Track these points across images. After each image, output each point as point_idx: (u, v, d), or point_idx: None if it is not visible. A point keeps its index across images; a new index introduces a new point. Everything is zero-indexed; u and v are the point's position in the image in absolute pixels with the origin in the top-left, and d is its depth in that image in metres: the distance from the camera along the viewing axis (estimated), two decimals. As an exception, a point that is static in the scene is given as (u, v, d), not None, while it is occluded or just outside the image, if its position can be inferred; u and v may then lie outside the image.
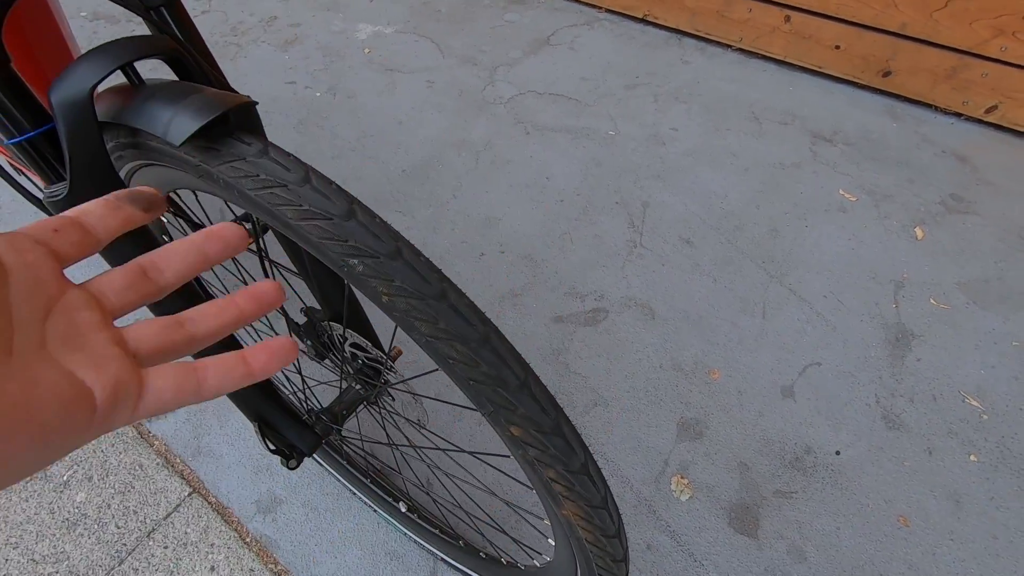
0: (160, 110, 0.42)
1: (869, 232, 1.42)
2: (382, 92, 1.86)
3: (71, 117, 0.42)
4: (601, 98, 1.80)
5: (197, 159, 0.42)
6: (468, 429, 1.09)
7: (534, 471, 0.43)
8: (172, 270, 0.26)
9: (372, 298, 0.40)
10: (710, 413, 1.14)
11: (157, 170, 0.52)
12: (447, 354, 0.39)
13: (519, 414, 0.40)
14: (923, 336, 1.23)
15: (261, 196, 0.40)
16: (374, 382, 0.72)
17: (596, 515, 0.45)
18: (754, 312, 1.28)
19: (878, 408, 1.13)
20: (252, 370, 0.25)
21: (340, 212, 0.39)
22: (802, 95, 1.78)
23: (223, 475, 1.09)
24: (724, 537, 0.99)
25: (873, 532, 0.99)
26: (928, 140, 1.62)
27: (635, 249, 1.41)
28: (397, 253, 0.39)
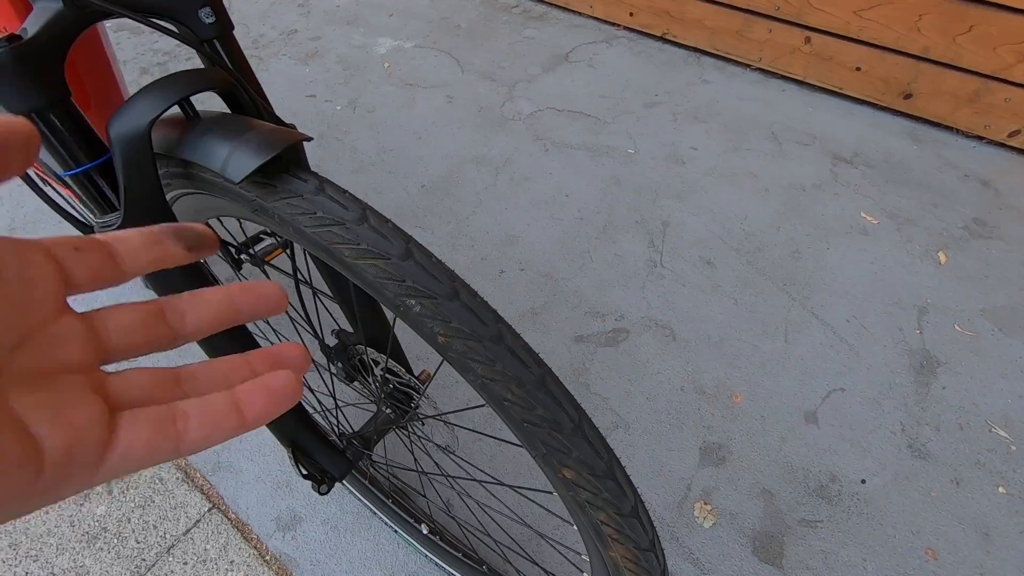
0: (217, 146, 0.42)
1: (892, 256, 1.41)
2: (401, 107, 1.87)
3: (129, 150, 0.42)
4: (620, 116, 1.81)
5: (253, 194, 0.42)
6: (489, 451, 1.09)
7: (584, 513, 0.43)
8: (196, 319, 0.22)
9: (428, 338, 0.40)
10: (733, 438, 1.12)
11: (202, 198, 0.53)
12: (503, 396, 0.39)
13: (573, 457, 0.40)
14: (948, 363, 1.21)
15: (318, 233, 0.40)
16: (405, 407, 0.72)
17: (644, 557, 0.45)
18: (776, 335, 1.27)
19: (904, 436, 1.12)
20: (245, 420, 0.21)
21: (398, 252, 0.39)
22: (822, 116, 1.77)
23: (243, 491, 1.08)
24: (749, 566, 0.98)
25: (900, 564, 0.97)
26: (950, 163, 1.61)
27: (655, 269, 1.40)
28: (455, 294, 0.39)
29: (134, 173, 0.43)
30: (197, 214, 0.58)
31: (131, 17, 0.43)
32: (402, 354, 0.73)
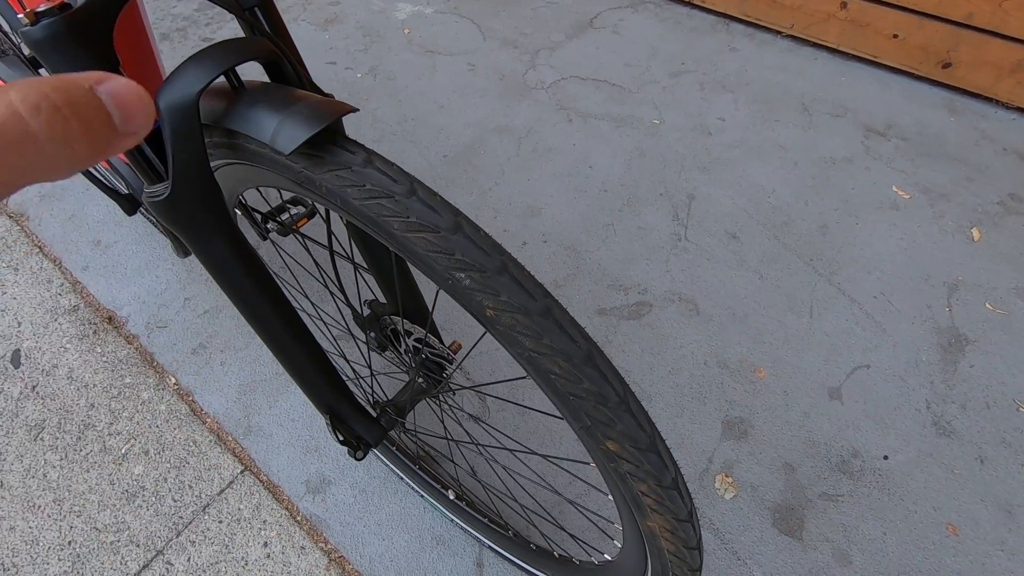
0: (266, 117, 0.42)
1: (923, 232, 1.38)
2: (422, 75, 1.85)
3: (177, 120, 0.43)
4: (645, 85, 1.76)
5: (300, 166, 0.43)
6: (513, 420, 1.11)
7: (624, 484, 0.44)
8: None
9: (475, 312, 0.40)
10: (755, 412, 1.13)
11: (244, 168, 0.53)
12: (549, 369, 0.40)
13: (617, 430, 0.41)
14: (977, 341, 1.20)
15: (367, 206, 0.40)
16: (437, 377, 0.73)
17: (681, 528, 0.46)
18: (801, 311, 1.26)
19: (928, 414, 1.11)
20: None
21: (447, 226, 0.39)
22: (855, 86, 1.72)
23: (274, 454, 1.12)
24: (768, 537, 0.99)
25: (921, 539, 0.98)
26: (988, 137, 1.56)
27: (679, 243, 1.39)
28: (503, 268, 0.39)
29: (182, 143, 0.43)
30: (237, 183, 0.58)
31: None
32: (434, 325, 0.74)
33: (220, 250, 0.52)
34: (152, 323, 1.30)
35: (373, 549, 1.01)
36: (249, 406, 1.18)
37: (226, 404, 1.18)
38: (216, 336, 1.28)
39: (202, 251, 0.52)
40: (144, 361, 1.25)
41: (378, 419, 0.70)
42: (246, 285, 0.53)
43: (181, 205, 0.46)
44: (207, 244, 0.51)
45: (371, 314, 0.75)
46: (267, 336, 0.58)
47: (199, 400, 1.19)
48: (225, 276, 0.53)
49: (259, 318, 0.56)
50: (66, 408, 1.18)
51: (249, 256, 0.53)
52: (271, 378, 1.21)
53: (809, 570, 0.96)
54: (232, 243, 0.52)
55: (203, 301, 1.33)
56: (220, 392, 1.20)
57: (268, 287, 0.55)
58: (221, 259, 0.52)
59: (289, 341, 0.58)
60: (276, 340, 0.58)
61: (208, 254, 0.52)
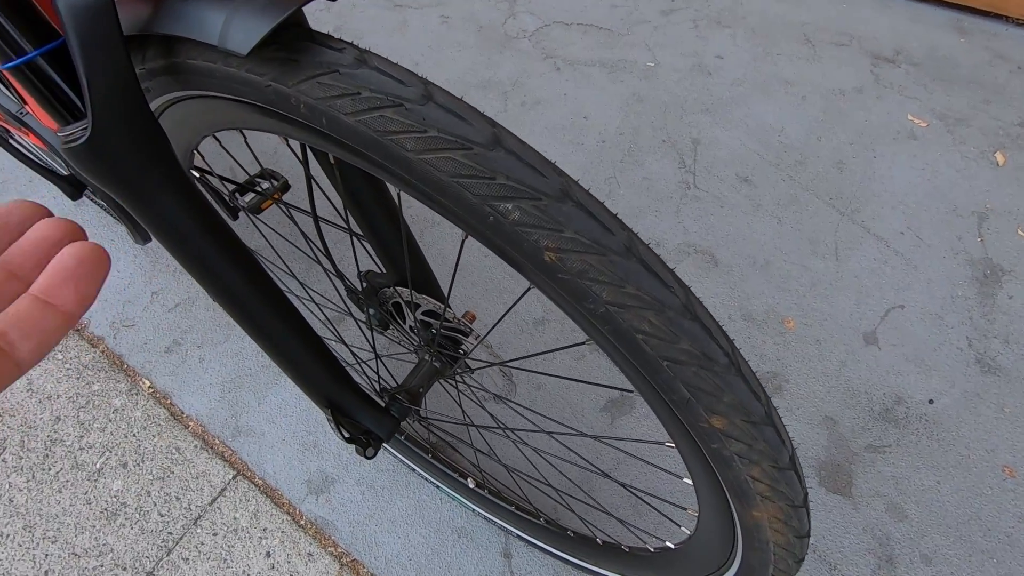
0: (209, 11, 0.30)
1: (945, 160, 1.29)
2: (393, 31, 1.69)
3: (87, 27, 0.30)
4: (635, 25, 1.63)
5: (267, 76, 0.31)
6: (529, 395, 1.01)
7: (728, 468, 0.34)
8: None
9: (528, 256, 0.29)
10: (788, 365, 1.05)
11: (194, 105, 0.41)
12: (635, 328, 0.29)
13: (725, 401, 0.31)
14: (1013, 271, 1.13)
15: (365, 121, 0.29)
16: (453, 354, 0.63)
17: (795, 515, 0.36)
18: (826, 254, 1.18)
19: (971, 351, 1.04)
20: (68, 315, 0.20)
21: (483, 139, 0.28)
22: (858, 12, 1.61)
23: (267, 455, 1.01)
24: (817, 497, 0.92)
25: (977, 485, 0.92)
26: (1001, 56, 1.47)
27: (689, 191, 1.29)
28: (565, 194, 0.28)
29: (99, 60, 0.31)
30: (188, 132, 0.46)
31: None
32: (442, 293, 0.63)
33: (171, 210, 0.39)
34: (117, 322, 1.17)
35: (388, 549, 0.91)
36: (236, 404, 1.06)
37: (209, 404, 1.06)
38: (191, 331, 1.15)
39: (147, 214, 0.40)
40: (112, 365, 1.12)
41: (388, 409, 0.60)
42: (212, 256, 0.41)
43: (108, 149, 0.34)
44: (152, 203, 0.38)
45: (369, 287, 0.63)
46: (246, 321, 0.46)
47: (178, 402, 1.07)
48: (183, 246, 0.41)
49: (234, 299, 0.44)
50: (28, 424, 1.05)
51: (212, 219, 0.41)
52: (258, 371, 1.09)
53: (863, 528, 0.89)
54: (186, 200, 0.40)
55: (173, 294, 1.20)
56: (201, 392, 1.08)
57: (241, 259, 0.43)
58: (173, 222, 0.40)
59: (274, 326, 0.47)
60: (258, 325, 0.47)
61: (155, 217, 0.40)
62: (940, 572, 0.85)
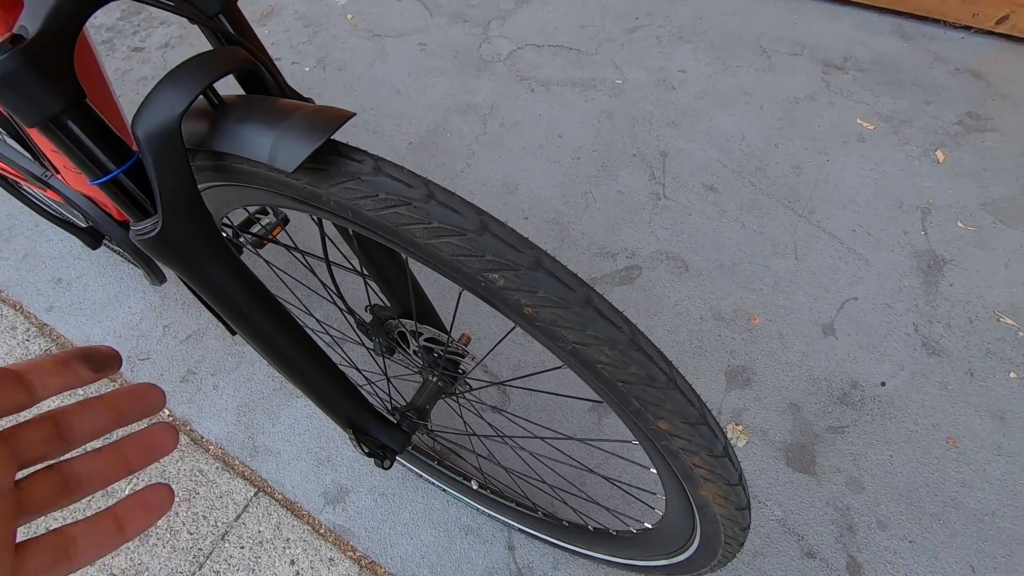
0: (258, 135, 0.39)
1: (891, 160, 1.41)
2: (373, 61, 1.78)
3: (160, 150, 0.39)
4: (603, 45, 1.74)
5: (303, 182, 0.40)
6: (523, 404, 1.10)
7: (676, 459, 0.44)
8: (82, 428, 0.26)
9: (512, 310, 0.39)
10: (756, 359, 1.15)
11: (233, 188, 0.50)
12: (595, 359, 0.39)
13: (667, 409, 0.40)
14: (954, 260, 1.24)
15: (384, 216, 0.38)
16: (453, 373, 0.72)
17: (733, 492, 0.46)
18: (786, 254, 1.29)
19: (917, 336, 1.15)
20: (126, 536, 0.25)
21: (473, 227, 0.37)
22: (808, 23, 1.72)
23: (285, 471, 1.10)
24: (784, 476, 1.03)
25: (925, 456, 1.03)
26: (940, 58, 1.59)
27: (659, 201, 1.39)
28: (538, 263, 0.38)
29: (168, 173, 0.40)
30: (222, 205, 0.55)
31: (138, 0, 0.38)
32: (440, 321, 0.72)
33: (220, 277, 0.48)
34: (133, 356, 1.25)
35: (403, 549, 1.01)
36: (251, 426, 1.15)
37: (227, 428, 1.15)
38: (204, 360, 1.23)
39: (201, 282, 0.49)
40: (132, 396, 1.20)
41: (399, 425, 0.69)
42: (252, 309, 0.50)
43: (174, 239, 0.43)
44: (206, 274, 0.47)
45: (376, 319, 0.73)
46: (279, 359, 0.55)
47: (197, 428, 1.15)
48: (229, 303, 0.50)
49: (269, 342, 0.54)
50: (58, 457, 1.12)
51: (249, 278, 0.51)
52: (269, 394, 1.18)
53: (826, 502, 1.00)
54: (230, 267, 0.49)
55: (183, 326, 1.28)
56: (218, 417, 1.16)
57: (273, 307, 0.52)
58: (222, 286, 0.49)
59: (303, 361, 0.56)
60: (290, 362, 0.56)
61: (208, 284, 0.49)
62: (894, 535, 0.96)
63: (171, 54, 1.84)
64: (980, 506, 0.98)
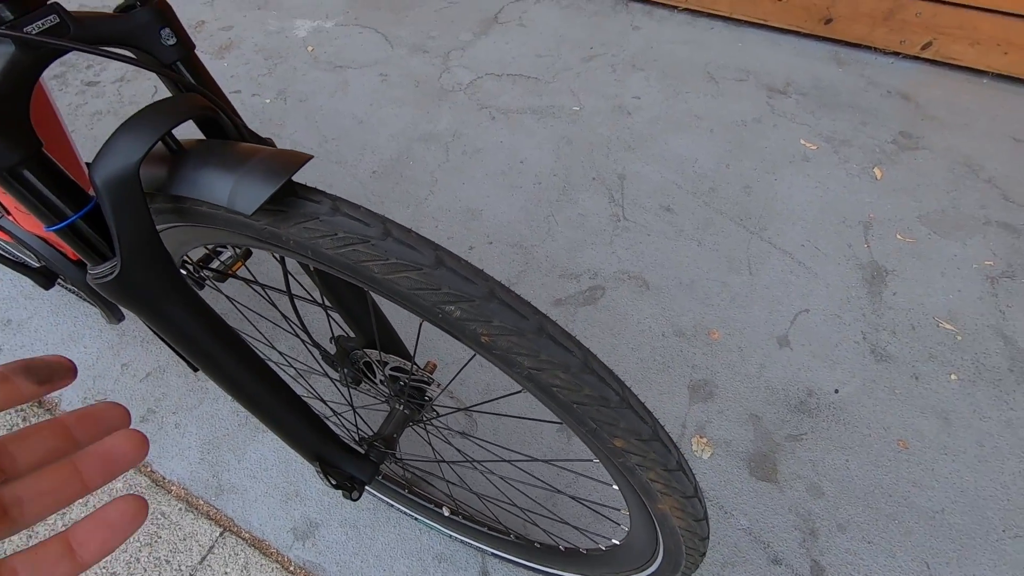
0: (218, 179, 0.40)
1: (833, 178, 1.49)
2: (335, 92, 1.79)
3: (119, 194, 0.40)
4: (560, 73, 1.80)
5: (263, 223, 0.41)
6: (492, 426, 1.11)
7: (632, 475, 0.46)
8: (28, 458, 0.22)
9: (470, 340, 0.41)
10: (716, 372, 1.19)
11: (191, 229, 0.51)
12: (550, 383, 0.41)
13: (621, 427, 0.42)
14: (895, 271, 1.32)
15: (343, 254, 0.40)
16: (419, 401, 0.73)
17: (690, 504, 0.48)
18: (741, 269, 1.34)
19: (865, 344, 1.21)
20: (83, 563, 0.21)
21: (429, 261, 0.39)
22: (752, 50, 1.82)
23: (252, 509, 1.07)
24: (748, 486, 1.06)
25: (878, 459, 1.08)
26: (873, 82, 1.70)
27: (619, 223, 1.44)
28: (492, 294, 0.40)
29: (127, 219, 0.41)
30: (182, 244, 0.56)
31: (86, 50, 0.39)
32: (405, 350, 0.73)
33: (179, 316, 0.49)
34: (89, 398, 1.21)
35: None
36: (216, 464, 1.12)
37: (190, 467, 1.12)
38: (165, 398, 1.20)
39: (160, 322, 0.49)
40: (89, 439, 1.16)
41: (367, 455, 0.69)
42: (213, 346, 0.51)
43: (132, 281, 0.44)
44: (165, 314, 0.48)
45: (341, 350, 0.73)
46: (242, 395, 0.56)
47: (159, 469, 1.12)
48: (190, 341, 0.50)
49: (232, 377, 0.54)
50: (9, 507, 1.08)
51: (210, 315, 0.51)
52: (234, 430, 1.16)
53: (789, 508, 1.03)
54: (190, 306, 0.49)
55: (143, 364, 1.25)
56: (181, 456, 1.13)
57: (235, 343, 0.53)
58: (182, 325, 0.49)
59: (267, 395, 0.56)
60: (254, 397, 0.56)
61: (168, 323, 0.49)
62: (853, 537, 0.99)
63: (126, 88, 1.83)
64: (931, 504, 1.02)
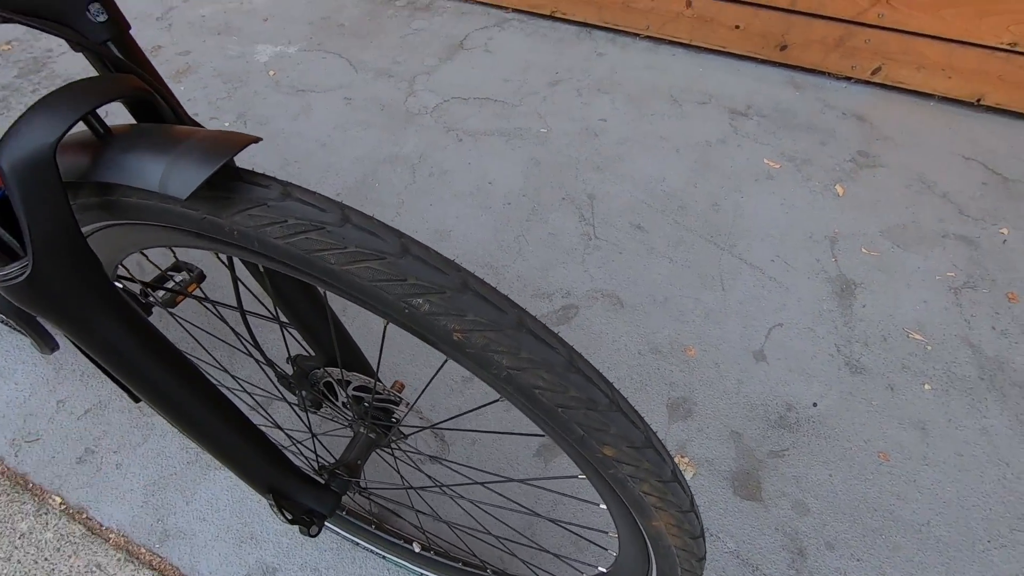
0: (149, 161, 0.36)
1: (797, 195, 1.52)
2: (298, 115, 1.75)
3: (29, 181, 0.35)
4: (526, 97, 1.80)
5: (202, 212, 0.36)
6: (465, 451, 1.05)
7: (624, 488, 0.41)
8: None
9: (439, 338, 0.36)
10: (695, 390, 1.17)
11: (125, 229, 0.45)
12: (532, 384, 0.36)
13: (611, 433, 0.38)
14: (863, 283, 1.33)
15: (294, 243, 0.35)
16: (386, 423, 0.67)
17: (686, 519, 0.44)
18: (713, 285, 1.33)
19: (840, 356, 1.21)
20: None
21: (393, 249, 0.35)
22: (713, 75, 1.87)
23: (201, 555, 0.98)
24: (733, 506, 1.02)
25: (861, 472, 1.05)
26: (829, 105, 1.76)
27: (591, 241, 1.42)
28: (465, 286, 0.35)
29: (40, 208, 0.35)
30: (116, 251, 0.50)
31: (10, 20, 0.35)
32: (370, 368, 0.68)
33: (108, 332, 0.43)
34: (19, 439, 1.10)
35: (341, 630, 0.90)
36: (161, 507, 1.02)
37: (131, 512, 1.02)
38: (105, 436, 1.10)
39: (85, 338, 0.43)
40: (15, 486, 1.05)
41: (328, 485, 0.63)
42: (152, 368, 0.45)
43: (48, 285, 0.38)
44: (89, 328, 0.42)
45: (299, 371, 0.67)
46: (184, 423, 0.49)
47: (96, 515, 1.02)
48: (124, 362, 0.44)
49: (172, 404, 0.47)
50: (-83, 566, 0.95)
51: (148, 332, 0.45)
52: (183, 468, 1.06)
53: (775, 527, 0.99)
54: (124, 321, 0.43)
55: (81, 400, 1.15)
56: (121, 500, 1.03)
57: (178, 365, 0.47)
58: (114, 342, 0.43)
59: (213, 423, 0.50)
60: (197, 426, 0.49)
61: (93, 340, 0.43)
62: (842, 555, 0.96)
63: (75, 111, 1.74)
64: (916, 516, 1.00)
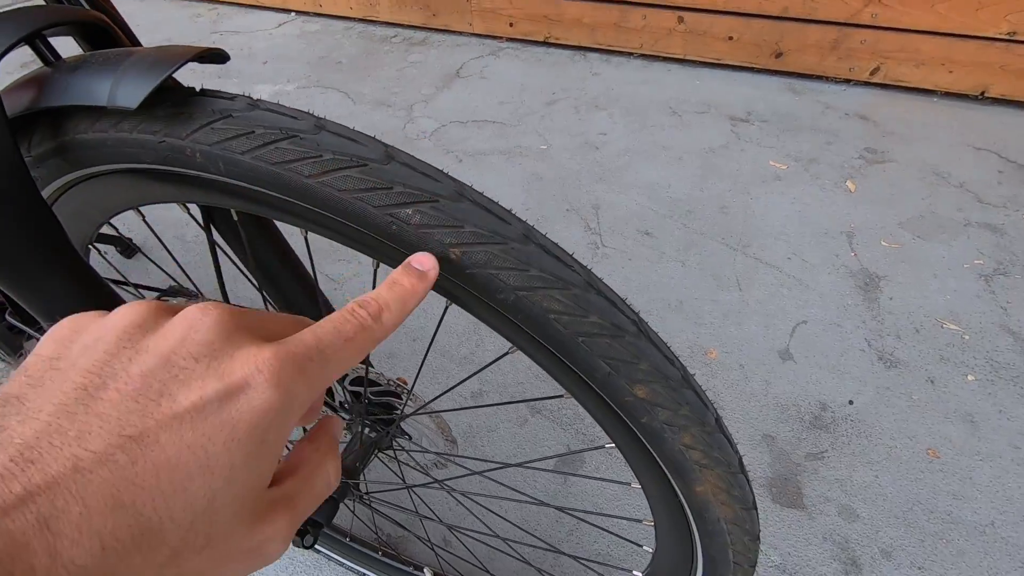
0: (96, 79, 0.32)
1: (808, 193, 1.48)
2: (297, 145, 1.75)
3: None
4: (524, 117, 1.80)
5: (160, 133, 0.32)
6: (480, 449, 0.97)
7: (662, 442, 0.35)
8: None
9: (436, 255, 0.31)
10: (719, 393, 1.09)
11: (88, 187, 0.41)
12: (547, 308, 0.31)
13: (642, 368, 0.32)
14: (887, 276, 1.27)
15: (262, 155, 0.31)
16: (387, 418, 0.61)
17: (736, 482, 0.37)
18: (730, 286, 1.27)
19: (872, 351, 1.14)
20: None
21: (376, 155, 0.30)
22: (709, 86, 1.87)
23: None
24: (774, 515, 0.93)
25: (910, 471, 0.96)
26: (830, 107, 1.75)
27: (599, 250, 1.37)
28: (459, 194, 0.31)
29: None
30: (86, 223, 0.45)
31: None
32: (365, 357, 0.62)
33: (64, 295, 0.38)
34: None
35: (347, 674, 0.81)
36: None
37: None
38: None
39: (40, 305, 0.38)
40: None
41: (325, 489, 0.56)
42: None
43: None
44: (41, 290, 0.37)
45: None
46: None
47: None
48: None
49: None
50: None
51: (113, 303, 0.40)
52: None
53: (823, 537, 0.90)
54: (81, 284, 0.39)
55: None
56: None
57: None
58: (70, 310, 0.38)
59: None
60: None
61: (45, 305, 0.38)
62: (900, 563, 0.86)
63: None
64: (977, 517, 0.91)
